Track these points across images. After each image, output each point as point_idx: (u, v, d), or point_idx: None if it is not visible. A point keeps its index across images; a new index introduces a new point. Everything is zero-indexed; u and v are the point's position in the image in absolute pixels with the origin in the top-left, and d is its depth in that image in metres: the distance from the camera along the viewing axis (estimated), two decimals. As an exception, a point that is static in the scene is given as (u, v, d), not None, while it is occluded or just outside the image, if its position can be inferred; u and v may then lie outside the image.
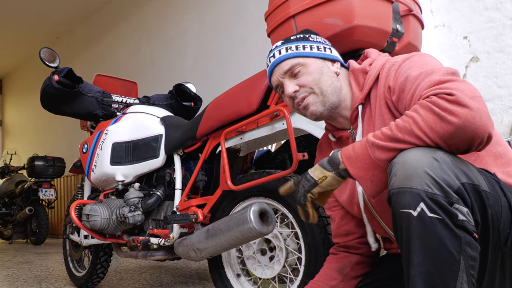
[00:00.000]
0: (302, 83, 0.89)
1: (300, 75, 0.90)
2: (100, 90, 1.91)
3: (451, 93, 0.66)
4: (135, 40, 4.44)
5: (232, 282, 1.41)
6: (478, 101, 0.65)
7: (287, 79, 0.91)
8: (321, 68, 0.90)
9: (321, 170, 0.78)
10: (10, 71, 7.10)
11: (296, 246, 1.25)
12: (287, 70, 0.90)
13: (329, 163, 0.78)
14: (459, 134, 0.65)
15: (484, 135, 0.66)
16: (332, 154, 0.78)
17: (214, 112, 1.39)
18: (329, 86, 0.89)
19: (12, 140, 7.19)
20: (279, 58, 0.91)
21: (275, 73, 0.93)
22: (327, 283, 0.96)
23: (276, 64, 0.92)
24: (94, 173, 1.79)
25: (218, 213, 1.41)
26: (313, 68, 0.90)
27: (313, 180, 0.79)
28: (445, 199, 0.64)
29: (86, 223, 1.66)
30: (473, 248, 0.65)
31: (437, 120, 0.66)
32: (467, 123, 0.64)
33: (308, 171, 0.81)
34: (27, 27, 5.37)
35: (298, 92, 0.90)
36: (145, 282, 2.15)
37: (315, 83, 0.89)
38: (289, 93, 0.90)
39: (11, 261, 3.19)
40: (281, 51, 0.92)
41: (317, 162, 0.82)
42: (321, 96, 0.89)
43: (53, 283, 2.18)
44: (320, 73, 0.89)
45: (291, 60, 0.90)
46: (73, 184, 5.26)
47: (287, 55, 0.91)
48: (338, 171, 0.77)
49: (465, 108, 0.64)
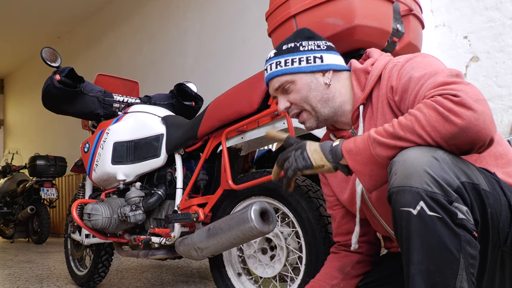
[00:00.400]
0: (292, 100, 0.93)
1: (290, 91, 0.93)
2: (102, 90, 1.92)
3: (456, 95, 0.66)
4: (137, 39, 4.45)
5: (233, 281, 1.41)
6: (482, 104, 0.66)
7: (280, 94, 0.95)
8: (309, 84, 0.91)
9: (322, 158, 0.78)
10: (12, 70, 7.12)
11: (297, 245, 1.26)
12: (277, 87, 0.94)
13: (331, 154, 0.77)
14: (462, 135, 0.65)
15: (486, 138, 0.66)
16: (335, 146, 0.78)
17: (215, 111, 1.40)
18: (318, 101, 0.91)
19: (13, 140, 7.20)
20: (270, 75, 0.95)
21: (270, 87, 0.97)
22: (328, 282, 0.97)
23: (268, 80, 0.96)
24: (96, 173, 1.80)
25: (219, 212, 1.41)
26: (301, 85, 0.91)
27: (310, 163, 0.78)
28: (445, 198, 0.65)
29: (88, 222, 1.67)
30: (472, 246, 0.65)
31: (440, 120, 0.66)
32: (471, 125, 0.64)
33: (307, 148, 0.79)
34: (28, 26, 5.38)
35: (290, 108, 0.94)
36: (146, 281, 2.15)
37: (304, 101, 0.92)
38: (281, 109, 0.94)
39: (12, 260, 3.20)
40: (272, 66, 0.94)
41: (320, 144, 0.80)
42: (313, 112, 0.92)
43: (54, 282, 2.19)
44: (308, 89, 0.91)
45: (280, 78, 0.93)
46: (75, 183, 5.27)
47: (275, 72, 0.93)
48: (337, 164, 0.77)
49: (470, 110, 0.64)
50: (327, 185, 1.04)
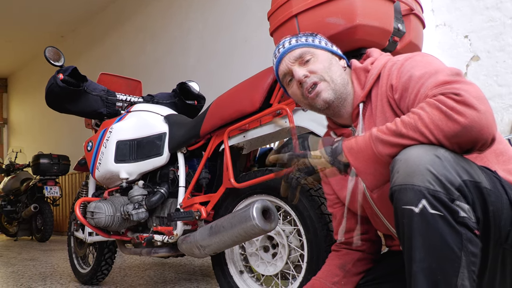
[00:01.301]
0: (312, 69, 0.89)
1: (310, 63, 0.90)
2: (105, 89, 1.92)
3: (459, 93, 0.67)
4: (140, 39, 4.46)
5: (235, 278, 1.42)
6: (484, 103, 0.66)
7: (297, 66, 0.91)
8: (330, 59, 0.92)
9: (322, 162, 0.78)
10: (15, 70, 7.15)
11: (298, 243, 1.26)
12: (297, 57, 0.91)
13: (332, 156, 0.78)
14: (465, 134, 0.66)
15: (488, 137, 0.66)
16: (335, 147, 0.78)
17: (217, 110, 1.40)
18: (338, 76, 0.90)
19: (17, 138, 7.24)
20: (290, 47, 0.92)
21: (284, 61, 0.93)
22: (329, 279, 0.97)
23: (286, 52, 0.92)
24: (99, 171, 1.81)
25: (221, 211, 1.42)
26: (323, 58, 0.91)
27: (312, 168, 0.78)
28: (447, 196, 0.65)
29: (91, 220, 1.68)
30: (474, 244, 0.65)
31: (443, 118, 0.66)
32: (474, 124, 0.65)
33: (307, 156, 0.79)
34: (32, 26, 5.40)
35: (308, 78, 0.89)
36: (149, 279, 2.17)
37: (325, 71, 0.89)
38: (299, 77, 0.89)
39: (16, 258, 3.23)
40: (291, 41, 0.93)
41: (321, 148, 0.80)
42: (332, 84, 0.89)
43: (58, 280, 2.21)
44: (329, 63, 0.91)
45: (302, 49, 0.91)
46: (78, 181, 5.29)
47: (297, 44, 0.92)
48: (339, 165, 0.77)
49: (472, 109, 0.65)
50: (327, 183, 1.04)
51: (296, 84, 0.91)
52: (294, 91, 0.93)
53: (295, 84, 0.92)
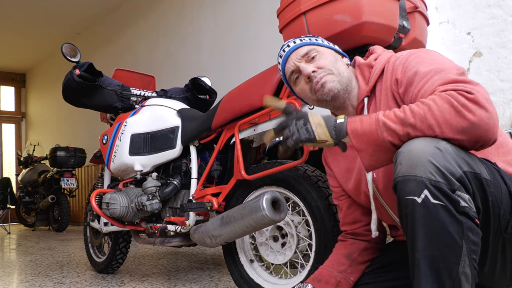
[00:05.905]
0: (319, 65, 0.92)
1: (316, 59, 0.93)
2: (120, 84, 1.95)
3: (471, 92, 0.68)
4: (153, 36, 4.52)
5: (245, 267, 1.44)
6: (492, 105, 0.69)
7: (304, 62, 0.94)
8: (335, 56, 0.95)
9: (325, 133, 0.77)
10: (33, 65, 7.31)
11: (307, 233, 1.29)
12: (304, 54, 0.94)
13: (335, 130, 0.77)
14: (472, 131, 0.67)
15: (492, 137, 0.69)
16: (340, 123, 0.77)
17: (228, 105, 1.43)
18: (344, 70, 0.93)
19: (35, 132, 7.40)
20: (296, 46, 0.96)
21: (291, 58, 0.96)
22: (336, 268, 1.00)
23: (292, 51, 0.96)
24: (114, 163, 1.84)
25: (232, 202, 1.45)
26: (328, 54, 0.94)
27: (313, 136, 0.77)
28: (448, 187, 0.67)
29: (106, 211, 1.72)
30: (474, 233, 0.67)
31: (453, 113, 0.68)
32: (482, 123, 0.67)
33: (310, 119, 0.78)
34: (49, 23, 5.52)
35: (316, 73, 0.91)
36: (162, 267, 2.21)
37: (332, 65, 0.92)
38: (308, 71, 0.91)
39: (34, 247, 3.31)
40: (296, 41, 0.97)
41: (324, 118, 0.79)
42: (338, 76, 0.91)
43: (74, 268, 2.26)
44: (335, 59, 0.94)
45: (308, 46, 0.95)
46: (94, 173, 5.38)
47: (302, 43, 0.96)
48: (339, 142, 0.78)
49: (482, 109, 0.67)
50: (332, 176, 1.06)
51: (304, 79, 0.93)
52: (302, 87, 0.95)
53: (302, 80, 0.94)
